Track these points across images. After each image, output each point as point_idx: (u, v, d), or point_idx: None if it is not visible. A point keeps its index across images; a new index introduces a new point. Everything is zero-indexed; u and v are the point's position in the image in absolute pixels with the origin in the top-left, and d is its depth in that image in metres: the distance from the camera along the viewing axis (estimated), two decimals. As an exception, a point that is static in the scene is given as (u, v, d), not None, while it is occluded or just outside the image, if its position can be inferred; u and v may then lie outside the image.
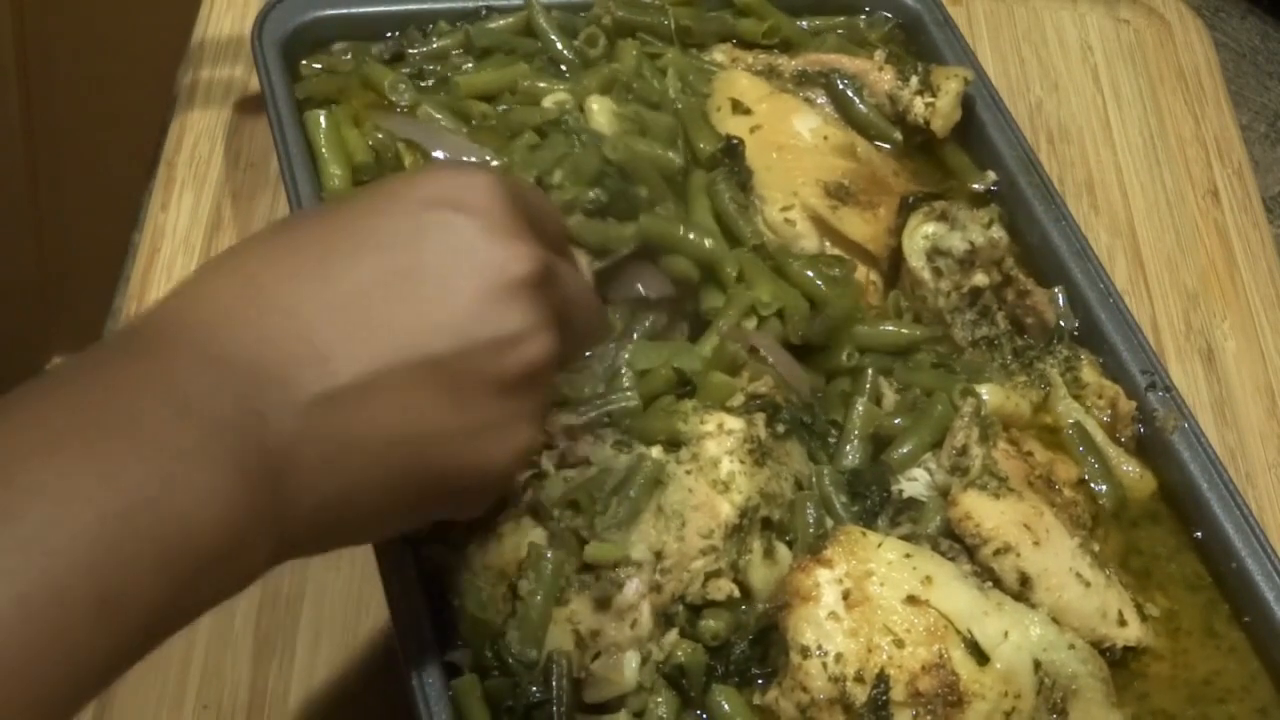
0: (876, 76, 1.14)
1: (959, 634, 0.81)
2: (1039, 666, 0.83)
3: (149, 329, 0.65)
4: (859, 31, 1.22)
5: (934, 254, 1.03)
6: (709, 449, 0.86)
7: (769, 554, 0.86)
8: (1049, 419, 0.99)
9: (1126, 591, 0.90)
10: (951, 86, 1.13)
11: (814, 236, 1.04)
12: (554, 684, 0.79)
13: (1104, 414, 1.00)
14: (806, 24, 1.21)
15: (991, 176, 1.13)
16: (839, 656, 0.80)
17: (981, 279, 1.02)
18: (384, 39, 1.14)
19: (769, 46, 1.18)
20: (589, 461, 0.85)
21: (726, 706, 0.82)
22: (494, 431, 0.71)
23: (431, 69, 1.13)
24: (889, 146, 1.13)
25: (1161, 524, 0.97)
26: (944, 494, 0.90)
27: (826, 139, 1.08)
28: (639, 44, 1.13)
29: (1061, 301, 1.05)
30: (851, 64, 1.14)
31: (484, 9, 1.16)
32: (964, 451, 0.91)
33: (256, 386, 0.63)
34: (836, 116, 1.13)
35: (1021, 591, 0.87)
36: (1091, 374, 1.01)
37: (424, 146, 1.05)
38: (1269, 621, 0.91)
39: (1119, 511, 0.97)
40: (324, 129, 1.05)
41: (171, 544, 0.57)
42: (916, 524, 0.89)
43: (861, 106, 1.13)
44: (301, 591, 0.94)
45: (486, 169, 0.71)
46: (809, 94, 1.14)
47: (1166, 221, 1.25)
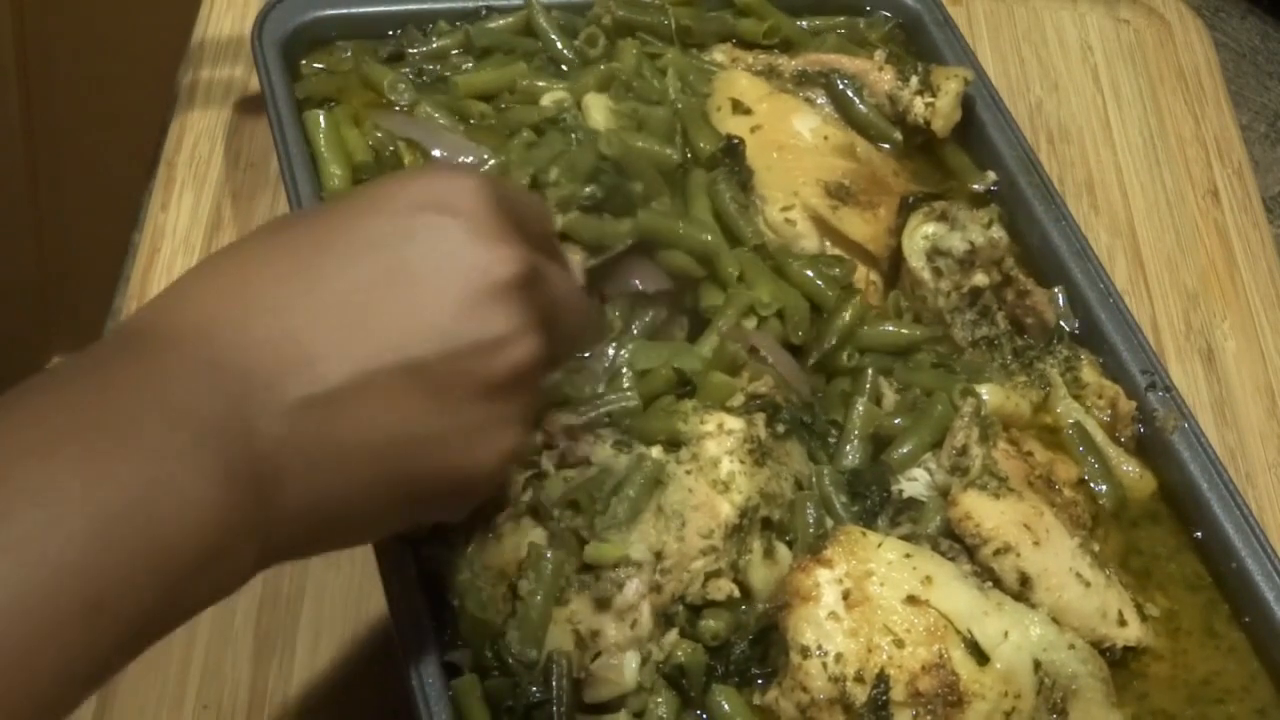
0: (876, 76, 1.14)
1: (959, 634, 0.81)
2: (1039, 666, 0.83)
3: (139, 332, 0.65)
4: (859, 31, 1.22)
5: (934, 254, 1.03)
6: (709, 449, 0.86)
7: (769, 554, 0.86)
8: (1049, 419, 0.99)
9: (1126, 591, 0.90)
10: (951, 87, 1.13)
11: (814, 236, 1.04)
12: (554, 684, 0.79)
13: (1104, 414, 1.00)
14: (806, 24, 1.21)
15: (991, 177, 1.13)
16: (839, 656, 0.80)
17: (981, 279, 1.02)
18: (384, 39, 1.15)
19: (769, 46, 1.18)
20: (589, 461, 0.85)
21: (726, 706, 0.82)
22: (480, 434, 0.71)
23: (431, 69, 1.13)
24: (889, 147, 1.13)
25: (1161, 524, 0.97)
26: (944, 494, 0.90)
27: (826, 139, 1.08)
28: (639, 44, 1.13)
29: (1061, 301, 1.05)
30: (851, 64, 1.14)
31: (484, 9, 1.16)
32: (964, 451, 0.91)
33: (244, 390, 0.63)
34: (836, 116, 1.13)
35: (1021, 591, 0.87)
36: (1091, 374, 1.01)
37: (423, 145, 1.05)
38: (1269, 621, 0.91)
39: (1119, 511, 0.96)
40: (323, 129, 1.05)
41: (162, 546, 0.58)
42: (916, 524, 0.89)
43: (861, 107, 1.13)
44: (301, 591, 0.94)
45: (473, 171, 0.71)
46: (809, 94, 1.14)
47: (1166, 221, 1.25)
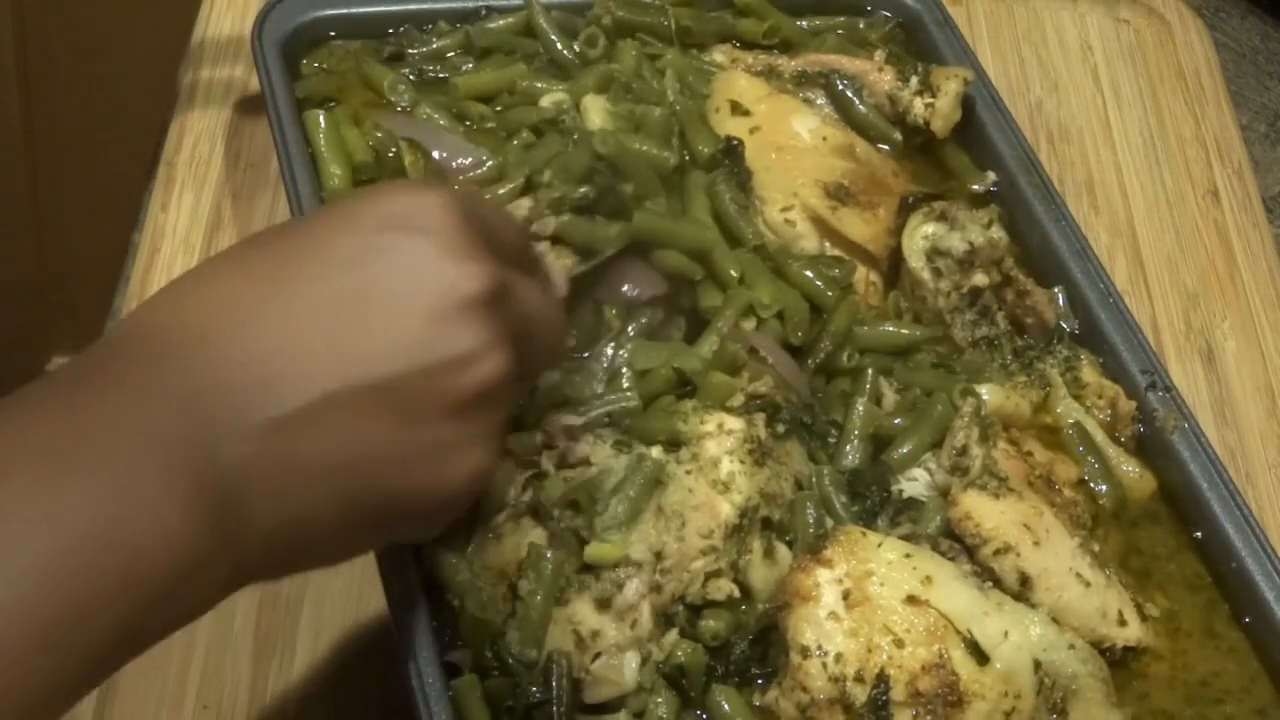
0: (876, 77, 1.14)
1: (959, 634, 0.81)
2: (1039, 666, 0.83)
3: (105, 354, 0.65)
4: (859, 32, 1.22)
5: (934, 254, 1.02)
6: (709, 449, 0.86)
7: (769, 554, 0.86)
8: (1049, 419, 0.99)
9: (1126, 591, 0.90)
10: (951, 87, 1.13)
11: (814, 237, 1.04)
12: (554, 684, 0.79)
13: (1104, 414, 1.00)
14: (806, 24, 1.21)
15: (991, 178, 1.12)
16: (839, 656, 0.80)
17: (981, 279, 1.02)
18: (384, 39, 1.15)
19: (769, 47, 1.18)
20: (589, 461, 0.85)
21: (726, 706, 0.82)
22: (448, 453, 0.70)
23: (431, 69, 1.13)
24: (888, 147, 1.13)
25: (1161, 524, 0.97)
26: (944, 494, 0.90)
27: (826, 139, 1.08)
28: (638, 45, 1.13)
29: (1061, 301, 1.05)
30: (851, 64, 1.14)
31: (484, 9, 1.16)
32: (964, 451, 0.91)
33: (208, 413, 0.62)
34: (836, 117, 1.13)
35: (1021, 591, 0.87)
36: (1091, 374, 1.01)
37: (423, 145, 1.05)
38: (1269, 621, 0.91)
39: (1119, 511, 0.96)
40: (323, 129, 1.05)
41: (125, 572, 0.58)
42: (916, 524, 0.89)
43: (861, 107, 1.13)
44: (302, 592, 0.94)
45: (440, 188, 0.71)
46: (809, 94, 1.14)
47: (1166, 221, 1.25)
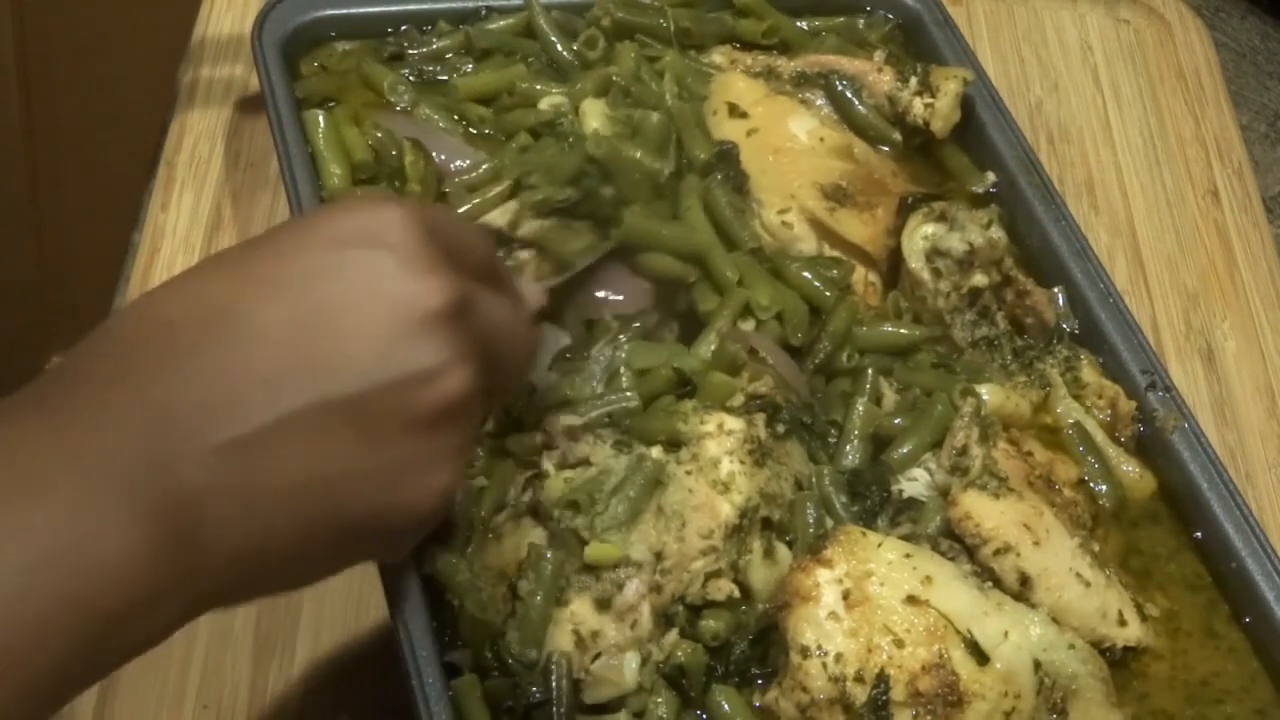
0: (876, 77, 1.14)
1: (959, 634, 0.81)
2: (1039, 666, 0.83)
3: (57, 381, 0.64)
4: (858, 32, 1.22)
5: (933, 255, 1.02)
6: (709, 449, 0.86)
7: (769, 554, 0.86)
8: (1049, 419, 0.99)
9: (1126, 591, 0.90)
10: (951, 87, 1.13)
11: (811, 239, 1.04)
12: (554, 684, 0.79)
13: (1104, 414, 1.00)
14: (806, 25, 1.21)
15: (990, 178, 1.12)
16: (839, 656, 0.80)
17: (981, 279, 1.02)
18: (384, 39, 1.15)
19: (768, 47, 1.18)
20: (589, 461, 0.85)
21: (726, 707, 0.82)
22: (413, 471, 0.68)
23: (431, 70, 1.13)
24: (888, 148, 1.13)
25: (1161, 524, 0.97)
26: (944, 494, 0.90)
27: (823, 141, 1.08)
28: (637, 47, 1.13)
29: (1061, 301, 1.05)
30: (851, 65, 1.14)
31: (484, 9, 1.16)
32: (964, 451, 0.91)
33: (163, 436, 0.61)
34: (835, 118, 1.13)
35: (1021, 591, 0.87)
36: (1091, 374, 1.01)
37: (424, 145, 1.05)
38: (1269, 621, 0.91)
39: (1119, 511, 0.97)
40: (322, 128, 1.05)
41: (78, 600, 0.57)
42: (916, 524, 0.89)
43: (860, 108, 1.13)
44: (302, 592, 0.94)
45: (400, 202, 0.70)
46: (808, 95, 1.14)
47: (1166, 221, 1.25)
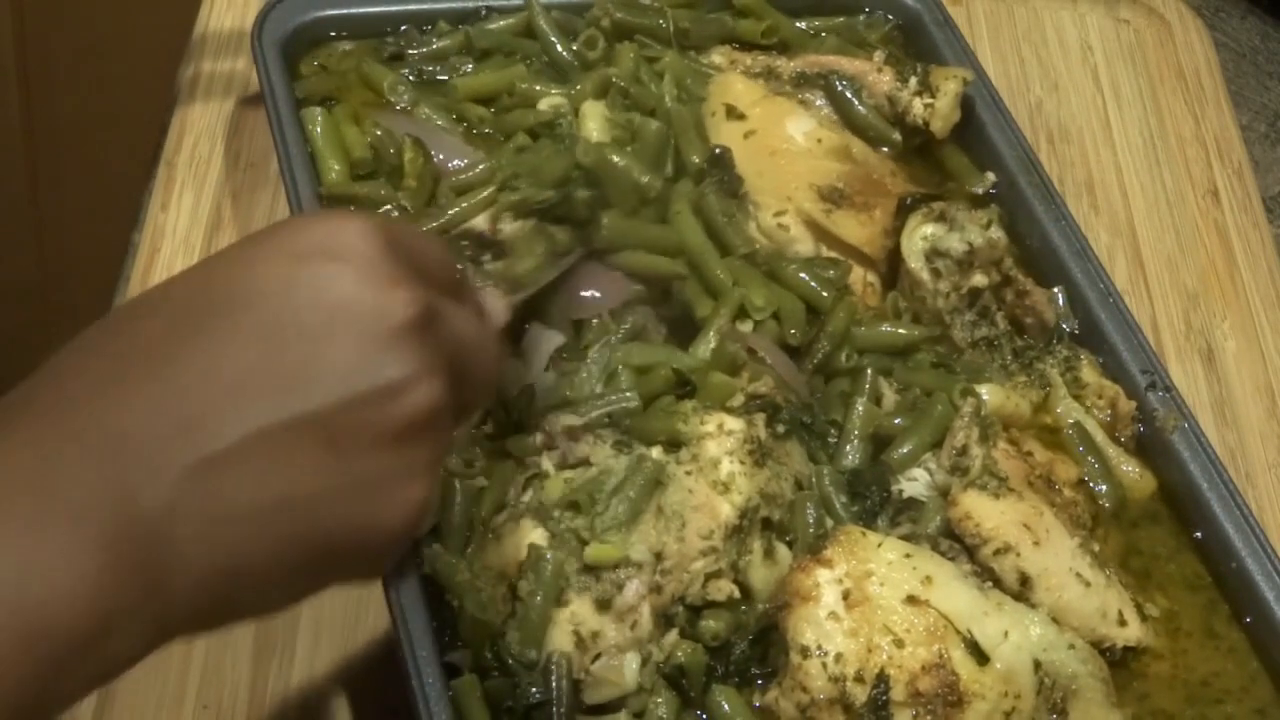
0: (875, 78, 1.13)
1: (959, 634, 0.81)
2: (1039, 666, 0.83)
3: (15, 407, 0.63)
4: (858, 32, 1.22)
5: (933, 255, 1.02)
6: (709, 449, 0.86)
7: (769, 554, 0.86)
8: (1049, 419, 0.99)
9: (1126, 591, 0.90)
10: (950, 87, 1.12)
11: (808, 241, 1.04)
12: (554, 685, 0.79)
13: (1104, 414, 1.00)
14: (805, 25, 1.21)
15: (990, 178, 1.12)
16: (839, 656, 0.80)
17: (980, 279, 1.02)
18: (384, 39, 1.15)
19: (768, 48, 1.18)
20: (589, 462, 0.85)
21: (726, 707, 0.82)
22: (384, 487, 0.67)
23: (431, 69, 1.13)
24: (888, 148, 1.13)
25: (1161, 524, 0.97)
26: (944, 494, 0.90)
27: (820, 142, 1.08)
28: (637, 47, 1.13)
29: (1061, 301, 1.05)
30: (850, 65, 1.14)
31: (484, 9, 1.16)
32: (964, 451, 0.91)
33: (123, 462, 0.60)
34: (834, 119, 1.13)
35: (1021, 591, 0.87)
36: (1091, 374, 1.01)
37: (424, 144, 1.05)
38: (1269, 621, 0.91)
39: (1119, 511, 0.97)
40: (321, 124, 1.05)
41: (33, 629, 0.56)
42: (916, 524, 0.89)
43: (860, 108, 1.13)
44: (301, 592, 0.94)
45: (362, 215, 0.68)
46: (808, 95, 1.13)
47: (1166, 221, 1.25)
